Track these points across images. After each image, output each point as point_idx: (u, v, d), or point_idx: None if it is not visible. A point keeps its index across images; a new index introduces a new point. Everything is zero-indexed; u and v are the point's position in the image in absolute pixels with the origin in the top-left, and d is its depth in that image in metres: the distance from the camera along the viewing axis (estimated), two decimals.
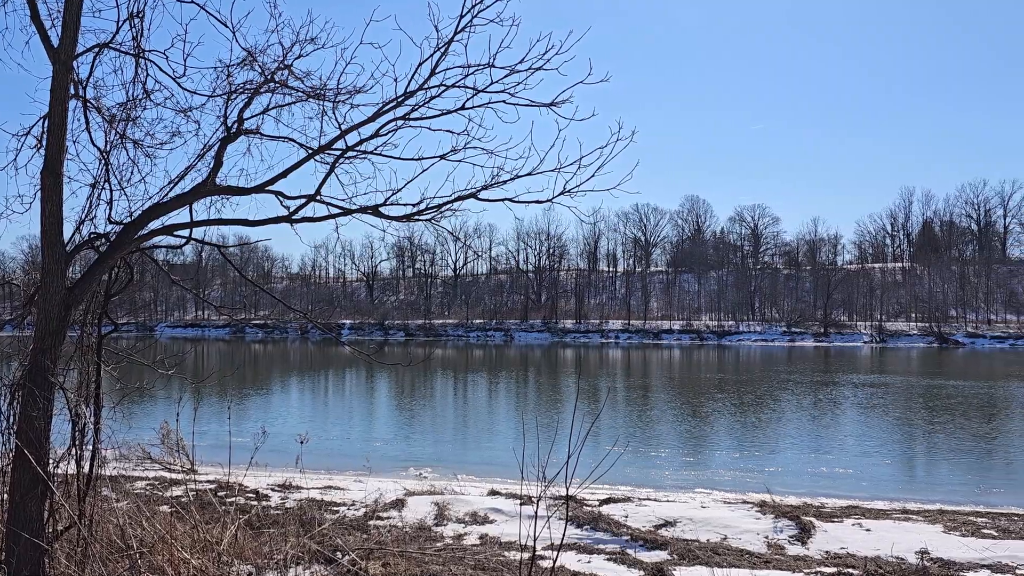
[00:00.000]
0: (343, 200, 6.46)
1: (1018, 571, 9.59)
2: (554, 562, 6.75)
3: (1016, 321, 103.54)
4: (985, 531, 11.80)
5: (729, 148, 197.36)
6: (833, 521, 12.28)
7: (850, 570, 9.17)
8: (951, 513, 13.60)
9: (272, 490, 13.96)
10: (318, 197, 6.11)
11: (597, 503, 13.11)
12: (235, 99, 6.68)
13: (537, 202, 6.43)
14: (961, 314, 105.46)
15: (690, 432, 26.48)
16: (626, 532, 11.13)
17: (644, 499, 13.84)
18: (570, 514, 11.75)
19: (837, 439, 24.99)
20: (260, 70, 6.75)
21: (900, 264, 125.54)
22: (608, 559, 9.83)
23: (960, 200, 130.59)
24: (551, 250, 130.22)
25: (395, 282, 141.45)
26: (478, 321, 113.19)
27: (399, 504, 12.70)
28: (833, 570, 9.39)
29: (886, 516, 13.07)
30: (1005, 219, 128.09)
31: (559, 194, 6.37)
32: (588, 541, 10.71)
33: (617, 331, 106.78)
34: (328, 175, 6.07)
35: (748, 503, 13.29)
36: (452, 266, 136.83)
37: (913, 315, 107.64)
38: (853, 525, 12.05)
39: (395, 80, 6.10)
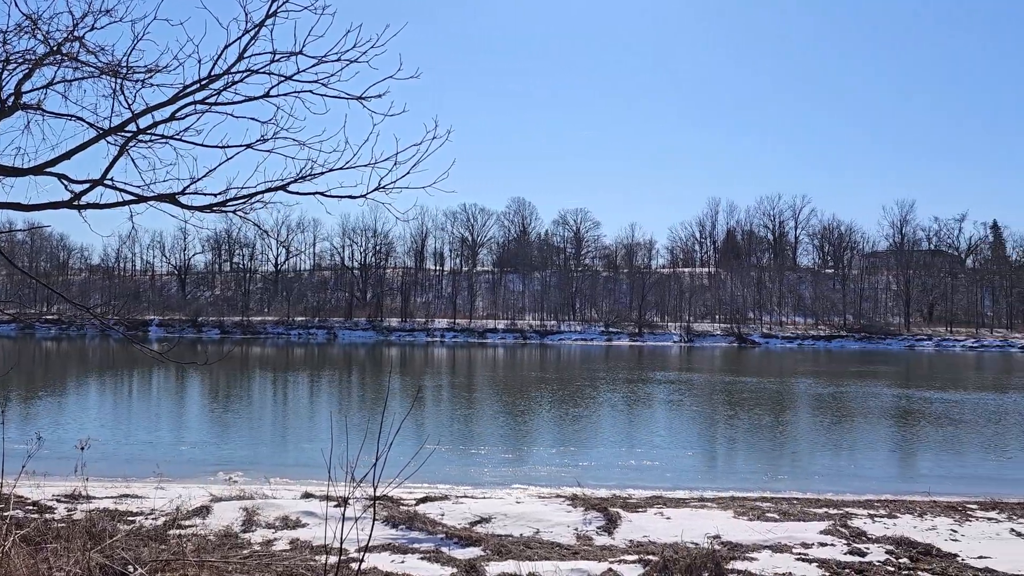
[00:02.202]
0: (139, 187, 6.00)
1: (794, 550, 10.55)
2: (360, 563, 6.61)
3: (803, 323, 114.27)
4: (769, 515, 12.88)
5: (556, 152, 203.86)
6: (638, 511, 12.95)
7: (650, 556, 9.69)
8: (741, 499, 14.74)
9: (58, 501, 12.78)
10: (107, 181, 5.62)
11: (414, 502, 13.05)
12: (12, 70, 6.03)
13: (351, 197, 6.29)
14: (758, 316, 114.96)
15: (510, 429, 27.04)
16: (442, 530, 11.16)
17: (461, 497, 13.95)
18: (386, 514, 11.62)
19: (646, 433, 26.43)
20: (44, 39, 6.13)
21: (707, 269, 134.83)
22: (422, 558, 9.81)
23: (759, 212, 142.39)
24: (378, 247, 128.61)
25: (210, 277, 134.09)
26: (300, 319, 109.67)
27: (204, 511, 12.01)
28: (635, 557, 9.89)
29: (685, 504, 13.95)
30: (796, 230, 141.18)
31: (374, 190, 6.25)
32: (403, 541, 10.63)
33: (443, 330, 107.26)
34: (117, 157, 5.60)
35: (561, 497, 13.73)
36: (273, 261, 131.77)
37: (717, 317, 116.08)
38: (655, 514, 12.76)
39: (199, 62, 5.74)
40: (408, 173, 6.18)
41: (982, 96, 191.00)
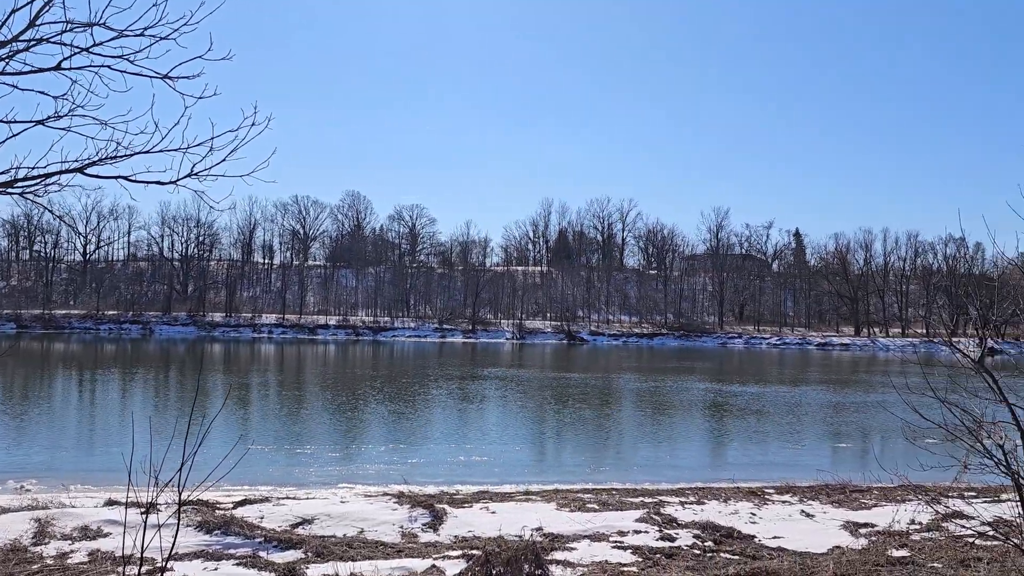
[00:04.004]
0: None
1: (611, 538, 11.02)
2: (162, 572, 6.20)
3: (628, 321, 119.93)
4: (590, 506, 13.38)
5: (393, 146, 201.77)
6: (464, 507, 13.04)
7: (473, 551, 9.78)
8: (565, 492, 15.22)
9: None
10: None
11: (232, 505, 12.45)
12: None
13: (158, 183, 5.85)
14: (587, 314, 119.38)
15: (338, 428, 26.47)
16: (260, 534, 10.72)
17: (283, 498, 13.47)
18: (199, 520, 11.01)
19: (476, 429, 26.72)
20: None
21: (540, 268, 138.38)
22: (238, 564, 9.37)
23: (589, 213, 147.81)
24: (201, 238, 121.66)
25: (6, 265, 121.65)
26: (111, 312, 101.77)
27: None
28: (459, 553, 9.95)
29: (511, 498, 14.22)
30: (623, 232, 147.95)
31: (185, 176, 5.85)
32: (218, 547, 10.11)
33: (271, 325, 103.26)
34: None
35: (388, 495, 13.58)
36: (81, 250, 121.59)
37: (548, 315, 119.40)
38: (481, 509, 12.91)
39: None
40: (224, 160, 5.85)
41: (796, 108, 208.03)
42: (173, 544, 5.26)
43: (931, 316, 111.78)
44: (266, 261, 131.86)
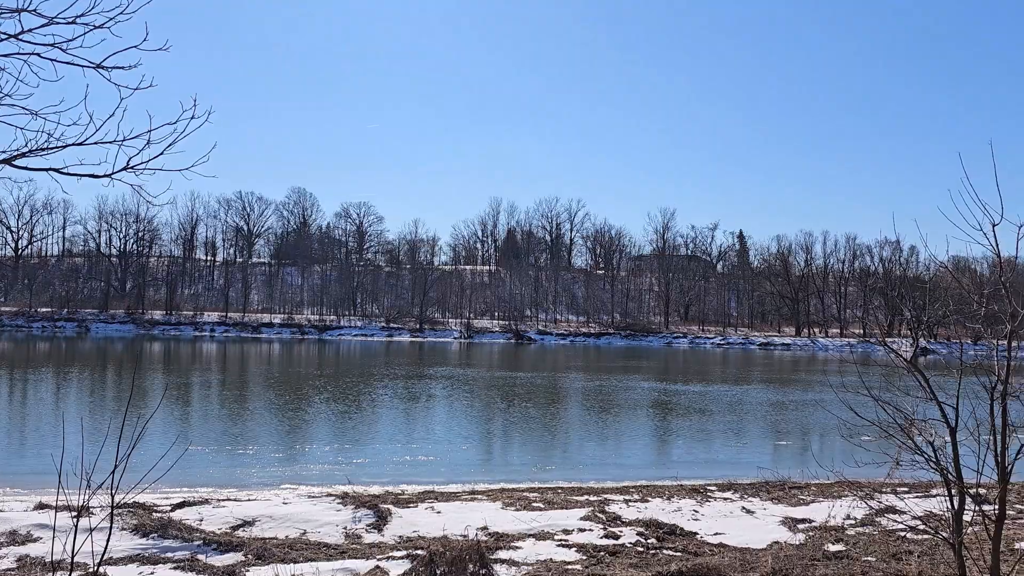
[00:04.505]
0: None
1: (556, 536, 11.07)
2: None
3: (576, 321, 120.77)
4: (535, 504, 13.43)
5: (341, 144, 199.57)
6: (410, 507, 12.96)
7: (418, 551, 9.72)
8: (511, 491, 15.24)
9: None
10: None
11: (170, 508, 12.15)
12: None
13: (92, 176, 5.67)
14: (535, 314, 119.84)
15: (282, 428, 26.06)
16: (199, 536, 10.48)
17: (224, 500, 13.20)
18: (135, 523, 10.72)
19: (423, 429, 26.59)
20: None
21: (488, 267, 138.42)
22: (175, 567, 9.16)
23: (538, 213, 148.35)
24: (140, 234, 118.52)
25: None
26: (45, 310, 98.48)
27: None
28: (403, 553, 9.88)
29: (457, 498, 14.18)
30: (571, 233, 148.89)
31: (121, 170, 5.68)
32: (154, 551, 9.86)
33: (213, 324, 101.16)
34: None
35: (332, 496, 13.42)
36: (13, 245, 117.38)
37: (496, 314, 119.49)
38: (427, 508, 12.85)
39: None
40: (162, 154, 5.71)
41: (743, 110, 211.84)
42: (105, 548, 5.10)
43: (867, 317, 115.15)
44: (209, 258, 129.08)
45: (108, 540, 5.06)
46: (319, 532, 11.10)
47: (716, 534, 11.65)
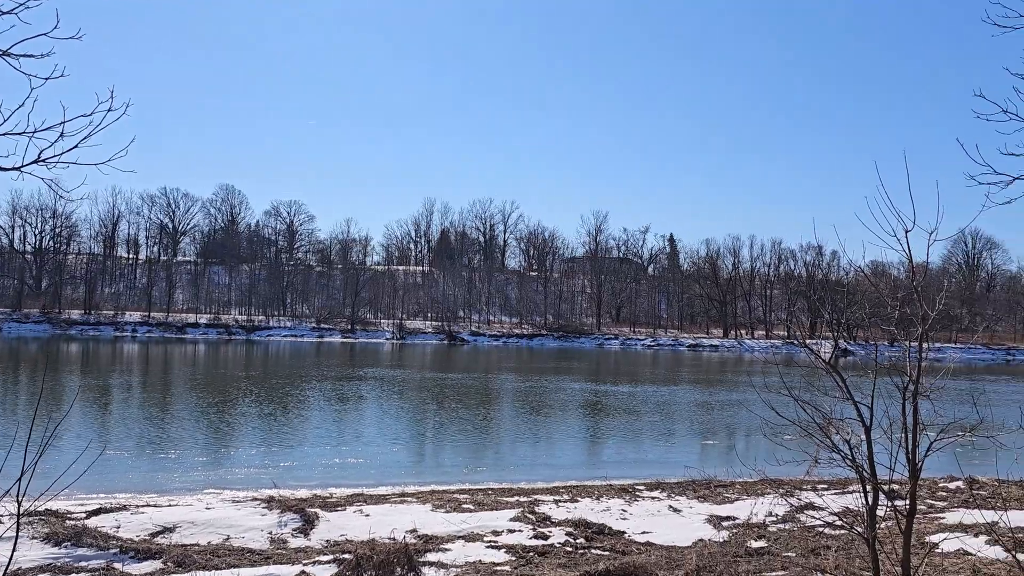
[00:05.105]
0: None
1: (485, 538, 11.05)
2: None
3: (509, 322, 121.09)
4: (465, 506, 13.38)
5: (272, 142, 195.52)
6: (338, 510, 12.77)
7: (345, 555, 9.57)
8: (441, 492, 15.17)
9: None
10: None
11: (85, 515, 11.68)
12: None
13: (0, 169, 5.42)
14: (468, 315, 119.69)
15: (206, 431, 25.36)
16: (116, 544, 10.11)
17: (143, 506, 12.76)
18: (47, 531, 10.27)
19: (353, 430, 26.24)
20: None
21: (421, 268, 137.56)
22: None
23: (471, 214, 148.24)
24: (57, 230, 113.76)
25: None
26: None
27: None
28: (330, 557, 9.72)
29: (386, 500, 14.03)
30: (505, 234, 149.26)
31: (32, 163, 5.43)
32: (67, 560, 9.46)
33: (135, 324, 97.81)
34: None
35: (257, 500, 13.12)
36: None
37: (429, 315, 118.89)
38: (355, 512, 12.67)
39: None
40: (76, 147, 5.48)
41: (674, 114, 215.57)
42: (11, 559, 4.85)
43: (791, 319, 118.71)
44: (131, 256, 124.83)
45: (14, 550, 4.82)
46: (243, 538, 10.83)
47: (644, 533, 11.81)
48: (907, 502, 6.39)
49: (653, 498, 14.77)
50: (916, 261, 6.30)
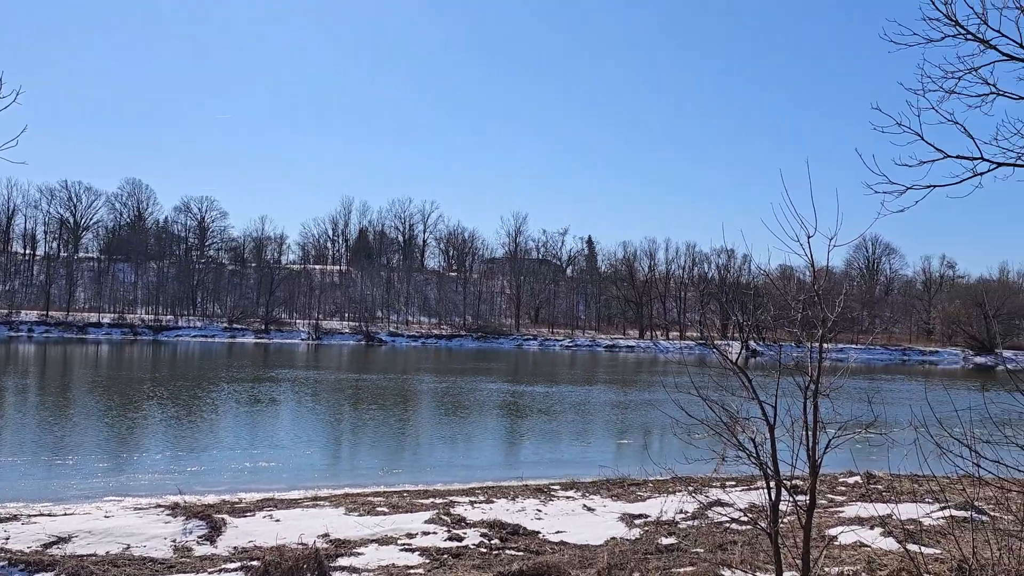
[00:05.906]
0: None
1: (399, 541, 10.92)
2: None
3: (428, 323, 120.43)
4: (379, 509, 13.21)
5: (182, 135, 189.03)
6: (247, 516, 12.41)
7: (253, 562, 9.30)
8: (355, 496, 14.93)
9: None
10: None
11: None
12: None
13: None
14: (386, 315, 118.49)
15: (107, 435, 24.27)
16: (4, 557, 9.54)
17: (36, 515, 12.10)
18: None
19: (265, 433, 25.57)
20: None
21: (338, 267, 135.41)
22: None
23: (391, 214, 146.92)
24: None
25: None
26: None
27: None
28: (237, 565, 9.43)
29: (298, 505, 13.72)
30: (424, 234, 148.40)
31: None
32: None
33: (32, 323, 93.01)
34: None
35: (161, 507, 12.62)
36: None
37: (347, 315, 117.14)
38: (265, 517, 12.34)
39: None
40: None
41: (594, 114, 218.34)
42: None
43: (704, 321, 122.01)
44: (27, 251, 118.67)
45: None
46: (145, 546, 10.40)
47: (558, 532, 11.90)
48: (807, 497, 6.61)
49: (568, 497, 14.91)
50: (818, 265, 6.54)
